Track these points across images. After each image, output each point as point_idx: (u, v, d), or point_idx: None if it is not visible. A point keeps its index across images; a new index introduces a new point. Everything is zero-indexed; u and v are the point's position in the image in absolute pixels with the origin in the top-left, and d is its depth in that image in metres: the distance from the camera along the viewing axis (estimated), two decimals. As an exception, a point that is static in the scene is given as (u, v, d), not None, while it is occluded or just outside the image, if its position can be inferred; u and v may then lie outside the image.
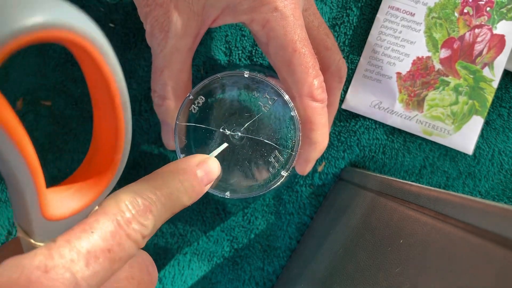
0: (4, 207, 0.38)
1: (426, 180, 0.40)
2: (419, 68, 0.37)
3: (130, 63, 0.38)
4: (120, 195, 0.21)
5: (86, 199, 0.19)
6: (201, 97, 0.31)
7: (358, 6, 0.38)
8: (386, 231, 0.26)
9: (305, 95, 0.29)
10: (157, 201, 0.22)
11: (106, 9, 0.37)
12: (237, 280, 0.40)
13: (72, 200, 0.18)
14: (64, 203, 0.18)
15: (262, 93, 0.31)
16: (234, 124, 0.31)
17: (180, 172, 0.24)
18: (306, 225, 0.40)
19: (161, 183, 0.22)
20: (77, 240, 0.18)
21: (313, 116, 0.30)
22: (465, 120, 0.37)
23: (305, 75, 0.29)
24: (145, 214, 0.21)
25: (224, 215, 0.40)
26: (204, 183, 0.25)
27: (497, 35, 0.36)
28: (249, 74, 0.30)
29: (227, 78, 0.30)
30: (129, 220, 0.20)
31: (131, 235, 0.20)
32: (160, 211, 0.22)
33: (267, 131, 0.31)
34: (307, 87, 0.29)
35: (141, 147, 0.39)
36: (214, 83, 0.30)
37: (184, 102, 0.30)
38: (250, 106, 0.32)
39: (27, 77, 0.37)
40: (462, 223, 0.19)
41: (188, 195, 0.24)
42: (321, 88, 0.30)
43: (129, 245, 0.20)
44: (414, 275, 0.20)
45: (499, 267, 0.15)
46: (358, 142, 0.39)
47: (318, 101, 0.30)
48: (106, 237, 0.19)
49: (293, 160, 0.31)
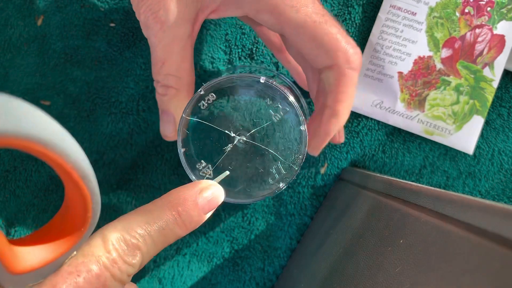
0: (2, 207, 0.38)
1: (426, 180, 0.39)
2: (421, 68, 0.37)
3: (128, 61, 0.38)
4: (108, 232, 0.21)
5: (59, 250, 0.19)
6: (212, 94, 0.30)
7: (360, 3, 0.38)
8: (386, 231, 0.25)
9: (342, 62, 0.27)
10: (147, 238, 0.21)
11: (106, 9, 0.37)
12: (238, 281, 0.40)
13: (45, 252, 0.19)
14: (35, 255, 0.18)
15: (275, 101, 0.30)
16: (240, 128, 0.31)
17: (180, 202, 0.23)
18: (307, 226, 0.40)
19: (155, 216, 0.22)
20: (63, 284, 0.19)
21: (345, 86, 0.28)
22: (466, 120, 0.37)
23: (335, 42, 0.27)
24: (133, 253, 0.21)
25: (224, 216, 0.40)
26: (205, 212, 0.24)
27: (497, 35, 0.36)
28: (265, 80, 0.29)
29: (242, 80, 0.30)
30: (114, 260, 0.20)
31: (116, 275, 0.20)
32: (149, 247, 0.21)
33: (273, 140, 0.31)
34: (342, 54, 0.27)
35: (139, 147, 0.39)
36: (228, 82, 0.30)
37: (194, 97, 0.29)
38: (261, 112, 0.31)
39: (26, 77, 0.37)
40: (462, 223, 0.19)
41: (185, 227, 0.23)
42: (357, 55, 0.28)
43: (114, 285, 0.20)
44: (414, 275, 0.20)
45: (499, 267, 0.15)
46: (361, 143, 0.39)
47: (354, 69, 0.28)
48: (91, 280, 0.19)
49: (294, 175, 0.30)
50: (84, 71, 0.38)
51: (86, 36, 0.37)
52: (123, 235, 0.21)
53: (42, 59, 0.37)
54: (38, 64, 0.37)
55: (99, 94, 0.38)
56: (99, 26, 0.37)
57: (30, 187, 0.38)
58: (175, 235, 0.23)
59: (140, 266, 0.21)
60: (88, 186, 0.17)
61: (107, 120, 0.38)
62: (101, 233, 0.21)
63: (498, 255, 0.16)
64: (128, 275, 0.21)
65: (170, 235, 0.22)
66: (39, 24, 0.37)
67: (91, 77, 0.38)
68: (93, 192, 0.18)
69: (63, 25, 0.37)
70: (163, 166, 0.39)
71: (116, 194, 0.39)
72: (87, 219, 0.19)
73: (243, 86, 0.30)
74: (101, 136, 0.38)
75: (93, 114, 0.38)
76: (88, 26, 0.37)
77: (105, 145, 0.38)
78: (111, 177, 0.39)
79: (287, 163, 0.30)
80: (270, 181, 0.30)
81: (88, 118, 0.38)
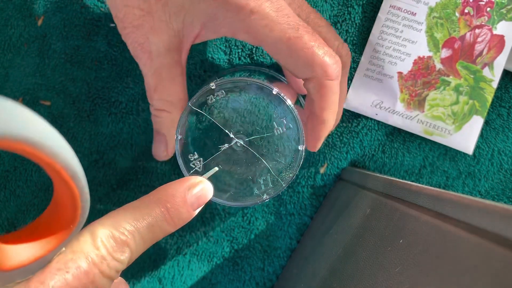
0: (3, 207, 0.38)
1: (426, 180, 0.39)
2: (420, 68, 0.37)
3: (128, 61, 0.38)
4: (96, 229, 0.21)
5: (48, 247, 0.19)
6: (222, 91, 0.30)
7: (360, 4, 0.38)
8: (386, 231, 0.25)
9: (320, 75, 0.28)
10: (135, 234, 0.21)
11: (106, 9, 0.37)
12: (237, 280, 0.40)
13: (33, 249, 0.19)
14: (23, 252, 0.18)
15: (281, 115, 0.30)
16: (240, 131, 0.31)
17: (168, 199, 0.23)
18: (307, 226, 0.40)
19: (144, 213, 0.22)
20: (52, 280, 0.19)
21: (327, 95, 0.29)
22: (466, 120, 0.37)
23: (312, 56, 0.27)
24: (121, 249, 0.21)
25: (224, 216, 0.40)
26: (194, 208, 0.24)
27: (497, 36, 0.36)
28: (277, 93, 0.29)
29: (254, 85, 0.30)
30: (103, 257, 0.20)
31: (105, 272, 0.20)
32: (138, 244, 0.22)
33: (269, 152, 0.31)
34: (319, 67, 0.28)
35: (139, 147, 0.39)
36: (241, 84, 0.30)
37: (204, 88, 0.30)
38: (264, 121, 0.31)
39: (26, 77, 0.37)
40: (462, 223, 0.19)
41: (174, 224, 0.23)
42: (335, 64, 0.28)
43: (103, 282, 0.20)
44: (414, 275, 0.20)
45: (499, 267, 0.15)
46: (360, 143, 0.39)
47: (333, 79, 0.28)
48: (80, 276, 0.19)
49: (280, 191, 0.30)
50: (84, 71, 0.38)
51: (86, 36, 0.37)
52: (112, 232, 0.21)
53: (42, 59, 0.37)
54: (38, 64, 0.37)
55: (99, 94, 0.38)
56: (99, 26, 0.37)
57: (30, 187, 0.39)
58: (163, 231, 0.23)
59: (128, 263, 0.22)
60: (77, 185, 0.17)
61: (107, 120, 0.38)
62: (89, 230, 0.21)
63: (498, 255, 0.16)
64: (116, 271, 0.21)
65: (158, 232, 0.23)
66: (39, 24, 0.37)
67: (91, 77, 0.38)
68: (82, 190, 0.18)
69: (63, 25, 0.37)
70: (163, 166, 0.39)
71: (116, 194, 0.39)
72: (76, 217, 0.19)
73: (254, 92, 0.30)
74: (101, 136, 0.38)
75: (93, 114, 0.38)
76: (88, 26, 0.37)
77: (105, 145, 0.38)
78: (111, 177, 0.39)
79: (276, 178, 0.31)
80: (256, 191, 0.31)
81: (88, 118, 0.38)
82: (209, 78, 0.38)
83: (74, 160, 0.17)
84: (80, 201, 0.18)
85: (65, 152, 0.16)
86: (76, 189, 0.17)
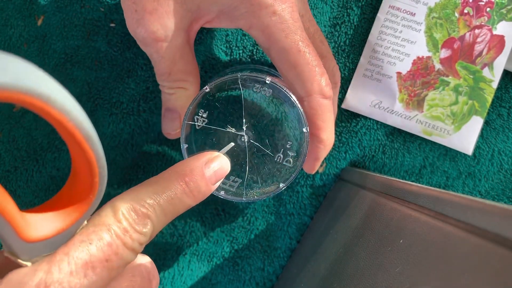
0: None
1: (426, 180, 0.39)
2: (419, 68, 0.37)
3: (129, 61, 0.38)
4: (117, 203, 0.21)
5: (70, 219, 0.19)
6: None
7: (359, 5, 0.38)
8: (386, 231, 0.25)
9: (315, 93, 0.29)
10: (156, 207, 0.22)
11: (106, 9, 0.37)
12: (237, 280, 0.40)
13: (56, 221, 0.19)
14: (46, 224, 0.18)
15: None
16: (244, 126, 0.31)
17: (186, 173, 0.23)
18: (307, 226, 0.40)
19: (163, 187, 0.22)
20: (75, 252, 0.19)
21: (323, 114, 0.30)
22: (465, 120, 0.37)
23: (313, 74, 0.29)
24: (143, 222, 0.21)
25: (224, 216, 0.40)
26: (212, 182, 0.25)
27: (496, 36, 0.36)
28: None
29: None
30: (125, 229, 0.20)
31: (128, 243, 0.20)
32: (159, 216, 0.22)
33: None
34: (316, 85, 0.29)
35: (140, 147, 0.39)
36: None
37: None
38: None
39: (27, 77, 0.37)
40: (462, 223, 0.19)
41: (194, 197, 0.24)
42: (329, 86, 0.30)
43: (126, 253, 0.20)
44: (414, 275, 0.20)
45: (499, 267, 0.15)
46: (359, 143, 0.39)
47: (327, 98, 0.30)
48: (103, 247, 0.19)
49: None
50: (84, 71, 0.38)
51: (86, 36, 0.37)
52: (133, 205, 0.21)
53: (42, 59, 0.37)
54: (38, 64, 0.37)
55: (100, 94, 0.38)
56: (99, 26, 0.37)
57: (31, 187, 0.39)
58: (184, 204, 0.23)
59: (151, 236, 0.22)
60: (92, 148, 0.17)
61: (108, 120, 0.38)
62: (110, 204, 0.21)
63: (497, 255, 0.16)
64: (140, 243, 0.21)
65: (179, 205, 0.23)
66: (39, 24, 0.37)
67: (92, 77, 0.38)
68: (98, 154, 0.17)
69: (63, 25, 0.37)
70: (164, 166, 0.39)
71: (117, 194, 0.39)
72: (95, 185, 0.18)
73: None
74: (102, 137, 0.38)
75: (94, 115, 0.38)
76: (88, 26, 0.37)
77: (106, 146, 0.38)
78: (112, 177, 0.39)
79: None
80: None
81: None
82: (209, 79, 0.38)
83: (87, 122, 0.17)
84: (96, 166, 0.18)
85: (77, 112, 0.16)
86: (92, 152, 0.17)
